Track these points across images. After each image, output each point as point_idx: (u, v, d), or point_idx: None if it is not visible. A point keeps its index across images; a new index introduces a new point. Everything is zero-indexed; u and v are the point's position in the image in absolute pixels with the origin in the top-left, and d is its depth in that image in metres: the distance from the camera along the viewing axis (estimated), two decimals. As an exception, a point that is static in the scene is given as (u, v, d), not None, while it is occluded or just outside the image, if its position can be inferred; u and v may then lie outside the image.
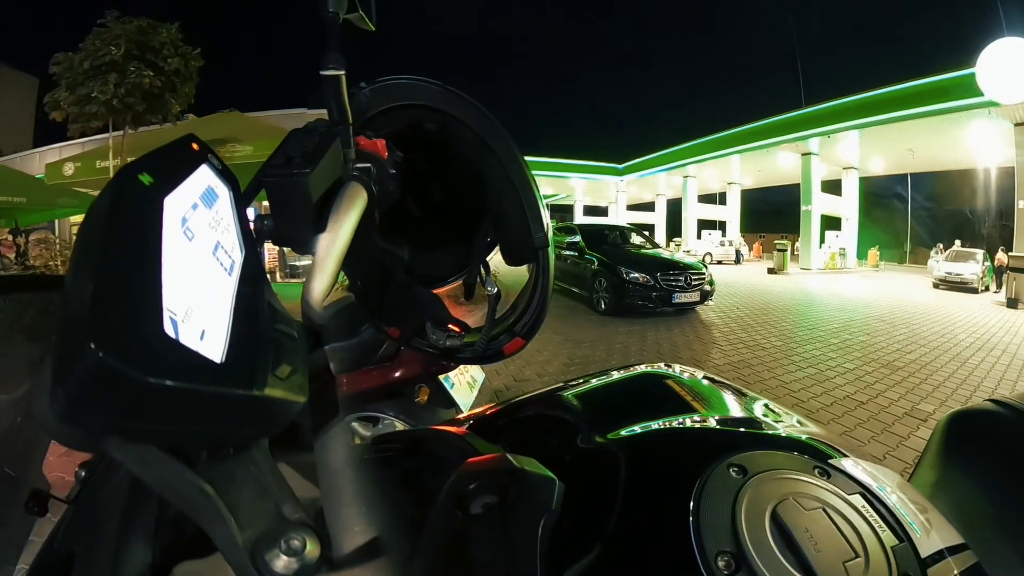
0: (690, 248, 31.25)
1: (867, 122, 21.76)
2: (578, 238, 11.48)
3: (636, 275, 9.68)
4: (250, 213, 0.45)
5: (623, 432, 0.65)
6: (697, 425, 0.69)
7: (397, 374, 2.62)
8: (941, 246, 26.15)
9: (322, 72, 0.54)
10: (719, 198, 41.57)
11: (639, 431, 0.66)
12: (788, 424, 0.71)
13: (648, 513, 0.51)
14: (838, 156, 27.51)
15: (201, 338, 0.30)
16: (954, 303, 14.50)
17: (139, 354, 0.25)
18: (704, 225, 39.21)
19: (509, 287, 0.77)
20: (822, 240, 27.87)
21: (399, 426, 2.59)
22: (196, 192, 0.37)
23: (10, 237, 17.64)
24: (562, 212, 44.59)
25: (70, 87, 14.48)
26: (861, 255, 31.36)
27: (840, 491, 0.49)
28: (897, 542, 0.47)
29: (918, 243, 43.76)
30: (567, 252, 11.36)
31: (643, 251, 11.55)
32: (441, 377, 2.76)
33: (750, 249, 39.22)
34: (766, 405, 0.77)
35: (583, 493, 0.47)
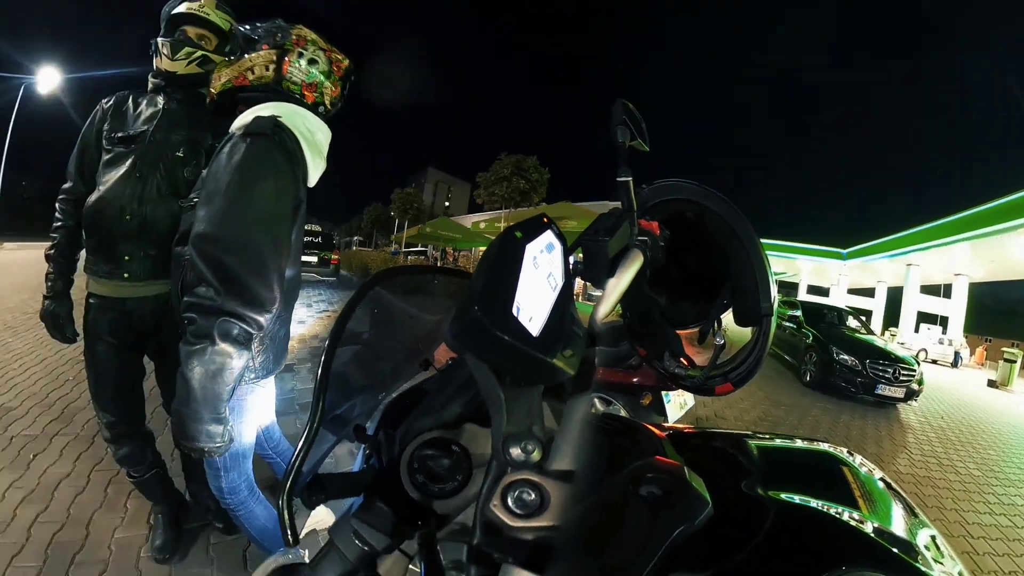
0: (905, 341, 19.73)
1: None
2: (799, 313, 8.55)
3: (845, 357, 6.74)
4: (571, 260, 0.48)
5: (783, 495, 0.50)
6: (852, 522, 0.48)
7: (635, 379, 2.54)
8: None
9: (618, 179, 0.56)
10: (943, 290, 25.37)
11: (797, 500, 0.50)
12: (946, 569, 0.47)
13: (766, 573, 0.39)
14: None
15: (529, 321, 0.33)
16: None
17: (496, 319, 0.29)
18: (923, 318, 24.67)
19: (733, 341, 0.67)
20: (1066, 355, 14.97)
21: (623, 413, 2.51)
22: (543, 244, 0.40)
23: (452, 252, 24.82)
24: (787, 288, 33.02)
25: (485, 187, 19.77)
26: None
27: None
28: None
29: None
30: (787, 323, 8.47)
31: (856, 335, 7.97)
32: (663, 392, 2.58)
33: (971, 353, 22.80)
34: (932, 537, 0.52)
35: (723, 525, 0.37)
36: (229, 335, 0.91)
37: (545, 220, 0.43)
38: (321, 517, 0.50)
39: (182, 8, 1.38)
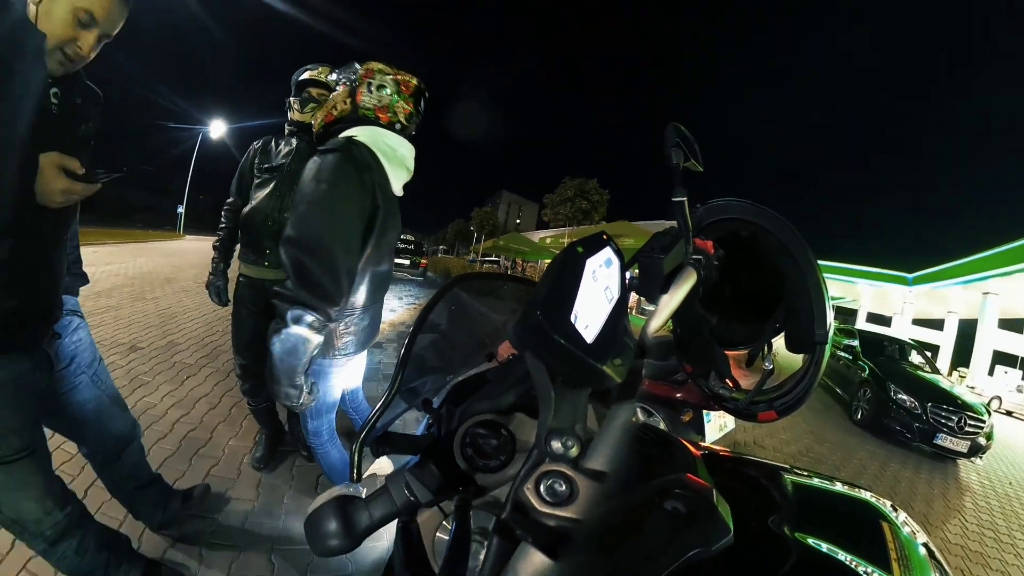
0: (976, 384, 14.42)
1: None
2: (855, 343, 6.57)
3: (904, 397, 5.03)
4: (627, 275, 0.46)
5: (810, 539, 0.41)
6: None
7: (678, 395, 2.32)
8: None
9: (673, 199, 0.52)
10: (1028, 325, 17.13)
11: (824, 548, 0.40)
12: None
13: None
14: None
15: (585, 328, 0.32)
16: None
17: (555, 324, 0.29)
18: (1001, 359, 17.02)
19: (782, 367, 0.57)
20: None
21: (662, 426, 2.31)
22: (602, 259, 0.38)
23: (520, 263, 24.47)
24: (845, 315, 24.36)
25: (551, 207, 19.43)
26: None
27: None
28: None
29: None
30: (841, 353, 6.63)
31: (919, 373, 5.93)
32: (705, 411, 2.31)
33: (1061, 407, 13.98)
34: None
35: (741, 556, 0.32)
36: (301, 320, 0.96)
37: (605, 237, 0.41)
38: (382, 466, 0.51)
39: (306, 75, 1.65)
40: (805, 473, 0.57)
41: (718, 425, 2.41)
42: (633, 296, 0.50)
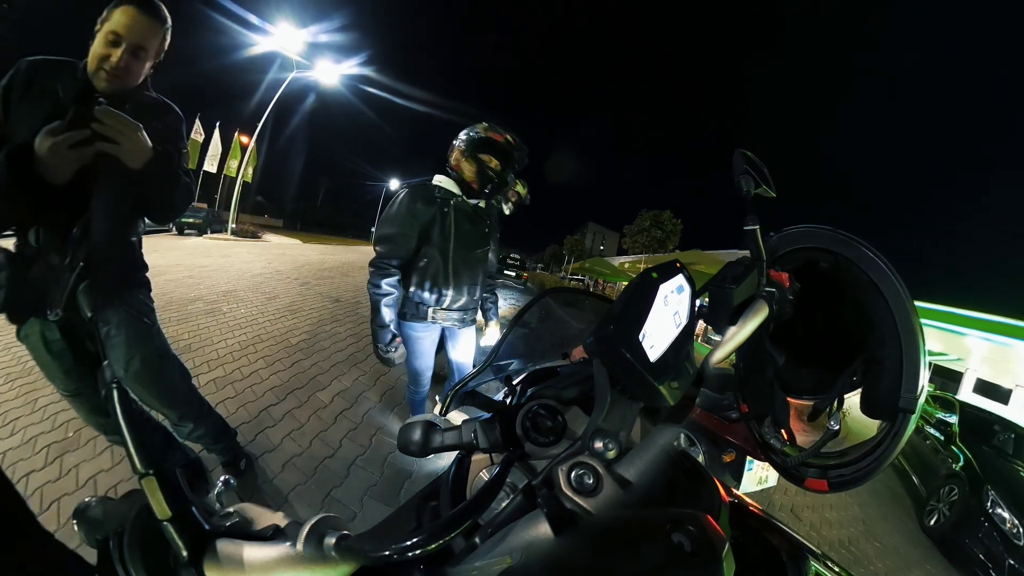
0: None
1: None
2: (954, 420, 3.56)
3: (1004, 514, 2.30)
4: (697, 303, 0.39)
5: None
6: None
7: (726, 433, 1.84)
8: None
9: (744, 228, 0.42)
10: None
11: None
12: None
13: None
14: None
15: (650, 348, 0.29)
16: None
17: (624, 340, 0.26)
18: None
19: (851, 430, 0.40)
20: None
21: (700, 459, 1.86)
22: (675, 285, 0.35)
23: (601, 283, 24.12)
24: (944, 378, 10.09)
25: (629, 236, 18.76)
26: None
27: None
28: None
29: None
30: (930, 430, 3.65)
31: None
32: (749, 457, 1.75)
33: None
34: None
35: None
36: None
37: (678, 265, 0.36)
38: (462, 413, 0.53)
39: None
40: (836, 569, 0.37)
41: (758, 477, 1.79)
42: (700, 324, 0.43)
